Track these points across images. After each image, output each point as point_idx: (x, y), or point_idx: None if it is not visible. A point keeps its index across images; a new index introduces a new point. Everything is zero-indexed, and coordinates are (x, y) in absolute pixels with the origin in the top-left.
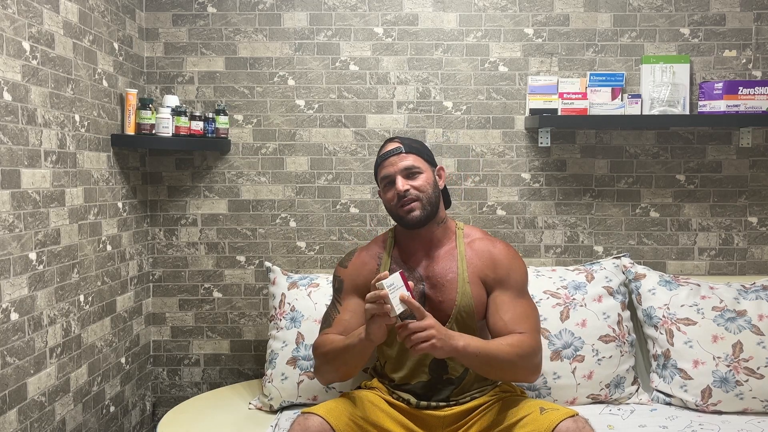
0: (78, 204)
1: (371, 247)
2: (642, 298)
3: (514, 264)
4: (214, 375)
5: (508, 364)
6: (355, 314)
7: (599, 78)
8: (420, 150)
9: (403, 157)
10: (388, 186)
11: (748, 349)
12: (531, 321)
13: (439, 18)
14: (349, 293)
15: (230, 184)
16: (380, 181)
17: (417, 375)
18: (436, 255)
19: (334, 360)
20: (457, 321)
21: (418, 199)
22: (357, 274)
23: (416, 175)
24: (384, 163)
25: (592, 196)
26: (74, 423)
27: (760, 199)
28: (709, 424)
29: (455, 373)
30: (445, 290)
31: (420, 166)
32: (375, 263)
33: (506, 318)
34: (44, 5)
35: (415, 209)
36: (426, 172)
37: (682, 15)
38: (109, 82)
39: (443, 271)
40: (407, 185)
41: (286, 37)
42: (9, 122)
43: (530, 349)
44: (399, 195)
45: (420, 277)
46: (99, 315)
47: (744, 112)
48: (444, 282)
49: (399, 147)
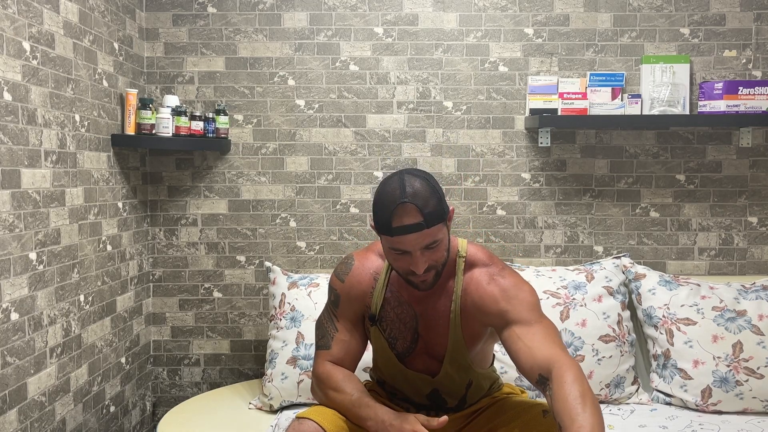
0: (78, 204)
1: (369, 259)
2: (642, 298)
3: (519, 295)
4: (214, 375)
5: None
6: (351, 334)
7: (599, 78)
8: (439, 214)
9: (424, 235)
10: (401, 255)
11: (748, 349)
12: (557, 343)
13: (439, 18)
14: (345, 311)
15: (230, 184)
16: (387, 245)
17: (417, 400)
18: (431, 291)
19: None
20: (451, 363)
21: (434, 268)
22: (353, 292)
23: (435, 246)
24: (400, 238)
25: (592, 196)
26: (74, 423)
27: (760, 199)
28: (709, 424)
29: (453, 401)
30: (436, 334)
31: (440, 237)
32: (370, 286)
33: (530, 345)
34: (44, 5)
35: (428, 279)
36: (444, 238)
37: (682, 15)
38: (109, 82)
39: (437, 312)
40: (426, 262)
41: (286, 37)
42: (9, 122)
43: (580, 373)
44: (415, 273)
45: (414, 314)
46: (99, 315)
47: (744, 112)
48: (437, 324)
49: (421, 223)
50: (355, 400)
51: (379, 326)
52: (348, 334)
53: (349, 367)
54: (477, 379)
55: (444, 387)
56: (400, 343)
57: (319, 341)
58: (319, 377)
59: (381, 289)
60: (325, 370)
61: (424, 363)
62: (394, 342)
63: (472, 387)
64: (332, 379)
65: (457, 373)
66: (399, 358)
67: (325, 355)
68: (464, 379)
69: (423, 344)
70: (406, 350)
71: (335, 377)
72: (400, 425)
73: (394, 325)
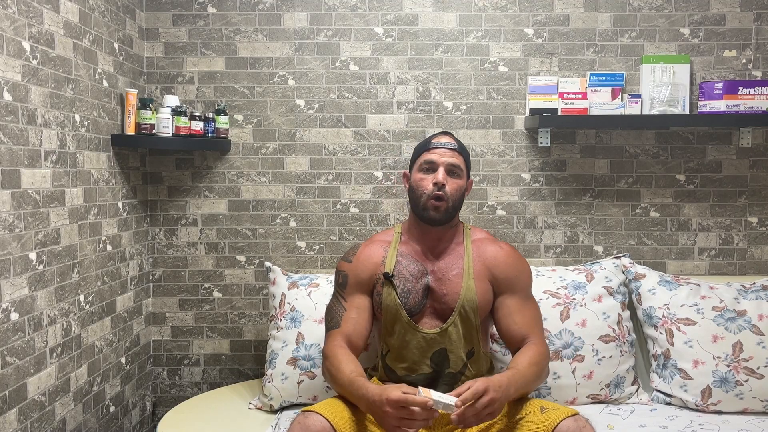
0: (78, 204)
1: (375, 242)
2: (642, 298)
3: (521, 267)
4: (214, 375)
5: (536, 382)
6: (360, 311)
7: (599, 78)
8: (467, 156)
9: (454, 154)
10: (427, 172)
11: (748, 349)
12: (540, 324)
13: (439, 18)
14: (354, 289)
15: (230, 184)
16: (419, 164)
17: (419, 367)
18: (442, 251)
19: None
20: (460, 315)
21: (445, 200)
22: (362, 268)
23: (456, 176)
24: (434, 150)
25: (592, 196)
26: (74, 423)
27: (760, 199)
28: (709, 424)
29: (456, 367)
30: (449, 284)
31: (462, 170)
32: (380, 256)
33: (518, 321)
34: (44, 5)
35: (440, 208)
36: (463, 178)
37: (682, 15)
38: (109, 82)
39: (449, 266)
40: (446, 179)
41: (286, 37)
42: (9, 122)
43: (545, 359)
44: (436, 185)
45: (425, 271)
46: (99, 315)
47: (744, 112)
48: (449, 276)
49: (453, 144)
50: (351, 380)
51: (392, 282)
52: (356, 311)
53: (357, 342)
54: (478, 350)
55: (451, 344)
56: (413, 297)
57: (329, 323)
58: (326, 356)
59: (392, 254)
60: (332, 349)
61: (433, 322)
62: (406, 296)
63: (473, 357)
64: (335, 359)
65: (464, 328)
66: (410, 315)
67: (335, 333)
68: (468, 339)
69: (433, 300)
70: (417, 305)
71: (338, 357)
72: (380, 396)
73: (406, 280)
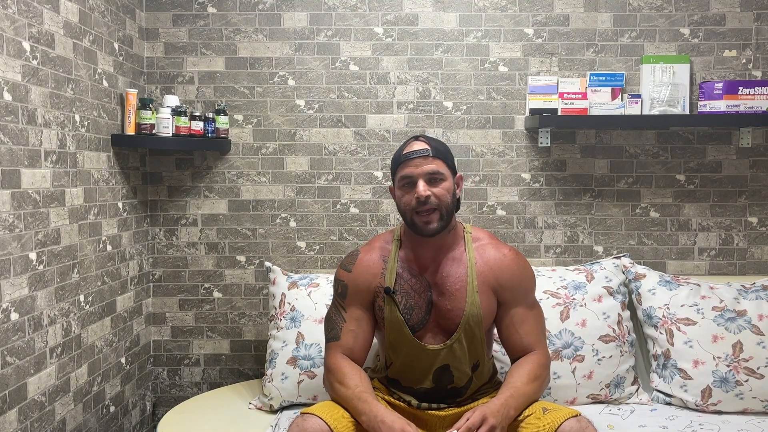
0: (78, 204)
1: (375, 249)
2: (642, 298)
3: (525, 274)
4: (214, 375)
5: (536, 395)
6: (360, 323)
7: (599, 78)
8: (446, 155)
9: (429, 161)
10: (407, 187)
11: (748, 349)
12: (543, 332)
13: (439, 18)
14: (353, 300)
15: (230, 184)
16: (398, 180)
17: (421, 382)
18: (444, 261)
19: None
20: (465, 331)
21: (437, 208)
22: (361, 279)
23: (439, 181)
24: (407, 162)
25: (592, 196)
26: (74, 423)
27: (760, 199)
28: (709, 424)
29: (460, 382)
30: (453, 299)
31: (444, 173)
32: (380, 267)
33: (522, 332)
34: (44, 5)
35: (432, 221)
36: (448, 180)
37: (682, 15)
38: (109, 82)
39: (452, 278)
40: (428, 191)
41: (286, 37)
42: (9, 122)
43: (546, 370)
44: (419, 200)
45: (427, 285)
46: (99, 315)
47: (744, 112)
48: (453, 290)
49: (426, 149)
50: (355, 394)
51: (394, 298)
52: (356, 324)
53: (359, 355)
54: (483, 362)
55: (454, 361)
56: (416, 313)
57: (329, 334)
58: (328, 369)
59: (392, 266)
60: (335, 362)
61: (436, 337)
62: (409, 313)
63: (478, 369)
64: (339, 372)
65: (469, 344)
66: (413, 331)
67: (335, 347)
68: (473, 353)
69: (436, 315)
70: (420, 321)
71: (342, 370)
72: (391, 423)
73: (408, 295)
